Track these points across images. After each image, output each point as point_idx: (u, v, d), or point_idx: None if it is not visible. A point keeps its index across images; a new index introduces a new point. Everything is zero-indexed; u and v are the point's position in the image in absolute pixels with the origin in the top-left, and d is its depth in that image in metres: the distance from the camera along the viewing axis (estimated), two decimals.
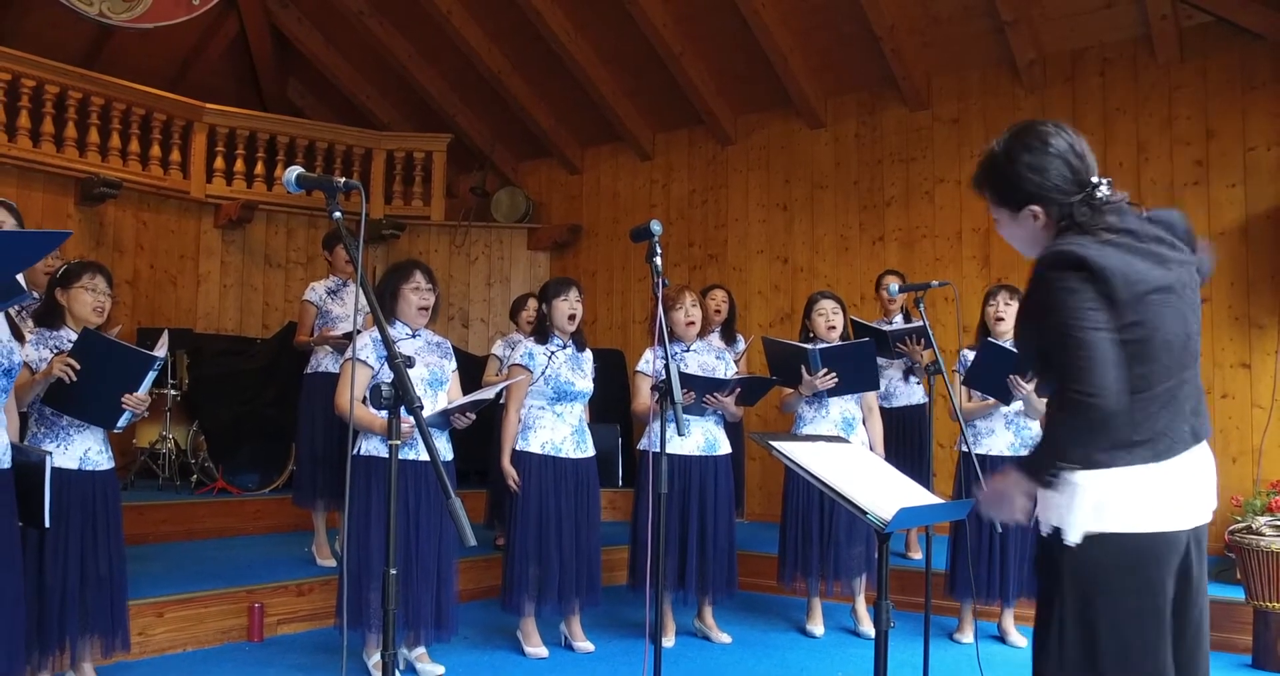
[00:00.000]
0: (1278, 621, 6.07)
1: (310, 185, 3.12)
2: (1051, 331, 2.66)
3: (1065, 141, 2.81)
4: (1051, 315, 2.66)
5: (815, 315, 6.89)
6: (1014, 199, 2.86)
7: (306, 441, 7.31)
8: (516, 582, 6.10)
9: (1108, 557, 2.64)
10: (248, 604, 6.43)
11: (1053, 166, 2.79)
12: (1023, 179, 2.81)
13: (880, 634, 3.49)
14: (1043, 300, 2.69)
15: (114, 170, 10.33)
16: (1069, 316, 2.61)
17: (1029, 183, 2.81)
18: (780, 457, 3.60)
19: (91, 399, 4.80)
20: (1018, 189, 2.84)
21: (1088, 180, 2.78)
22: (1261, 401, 8.08)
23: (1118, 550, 2.64)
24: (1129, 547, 2.64)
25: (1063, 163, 2.79)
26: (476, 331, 12.44)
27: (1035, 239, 2.88)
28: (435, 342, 5.85)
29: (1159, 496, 2.67)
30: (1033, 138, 2.82)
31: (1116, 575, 2.63)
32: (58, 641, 4.77)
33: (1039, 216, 2.83)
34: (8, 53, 9.72)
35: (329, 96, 13.78)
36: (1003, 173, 2.87)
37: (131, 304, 10.53)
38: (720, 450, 6.62)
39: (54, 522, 4.69)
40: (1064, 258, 2.66)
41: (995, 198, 2.94)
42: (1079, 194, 2.77)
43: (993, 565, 6.42)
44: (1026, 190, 2.82)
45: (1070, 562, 2.66)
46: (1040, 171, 2.79)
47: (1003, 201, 2.91)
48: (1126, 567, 2.64)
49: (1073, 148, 2.81)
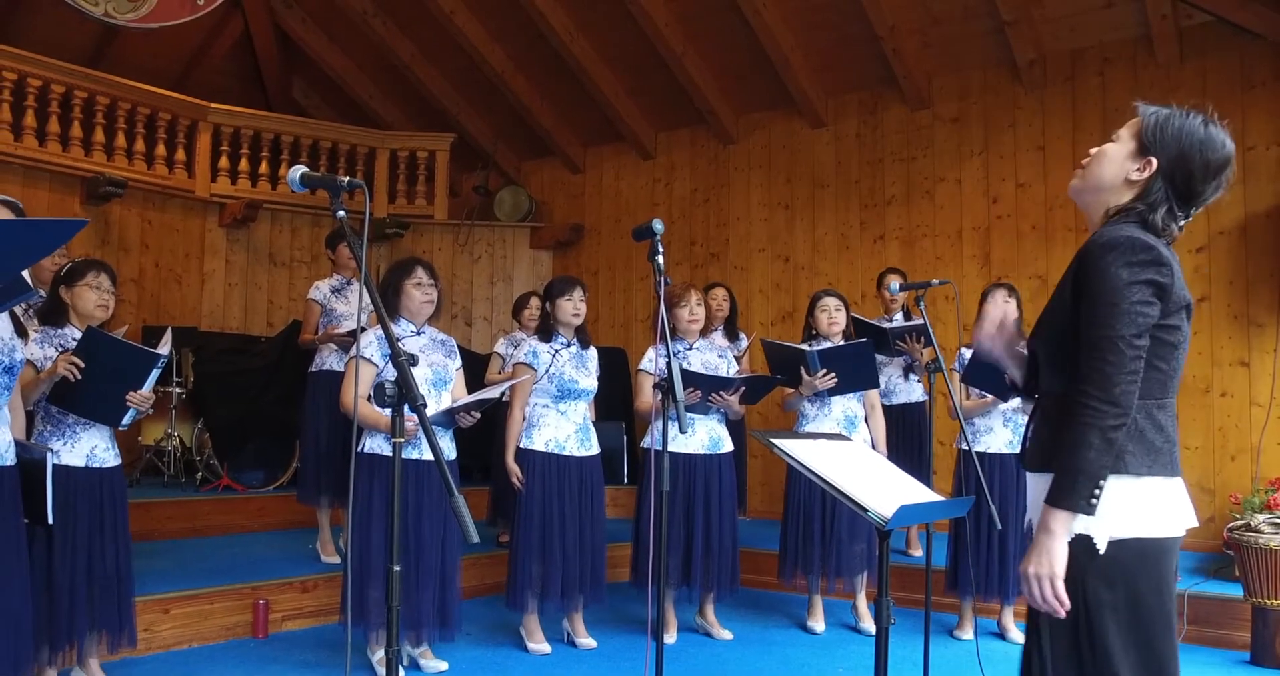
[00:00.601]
0: (1276, 618, 6.07)
1: (314, 184, 3.12)
2: (1090, 323, 2.57)
3: (1221, 157, 2.69)
4: (1098, 306, 2.56)
5: (818, 312, 6.90)
6: (1153, 147, 2.69)
7: (310, 439, 7.32)
8: (520, 580, 6.10)
9: (1130, 560, 2.57)
10: (252, 600, 6.44)
11: (1208, 164, 2.67)
12: (1190, 150, 2.65)
13: (881, 630, 3.50)
14: (1095, 288, 2.57)
15: (119, 169, 10.33)
16: (1119, 315, 2.53)
17: (1190, 155, 2.65)
18: (782, 455, 3.60)
19: (96, 397, 4.81)
20: (1166, 146, 2.68)
21: (1195, 199, 2.71)
22: (1260, 399, 8.08)
23: (1138, 553, 2.58)
24: (1149, 551, 2.59)
25: (1215, 172, 2.69)
26: (479, 329, 12.45)
27: (1113, 185, 2.74)
28: (440, 340, 5.85)
29: (1171, 502, 2.63)
30: (1227, 145, 2.70)
31: (1138, 578, 2.57)
32: (67, 638, 4.78)
33: (1145, 170, 2.69)
34: (14, 52, 9.72)
35: (333, 96, 13.79)
36: (1182, 133, 2.68)
37: (137, 302, 10.54)
38: (724, 448, 6.62)
39: (62, 520, 4.71)
40: (1135, 245, 2.57)
41: (1143, 133, 2.71)
42: (1182, 199, 2.70)
43: (992, 562, 6.43)
44: (1172, 150, 2.67)
45: (1095, 567, 2.56)
46: (1198, 157, 2.66)
47: (1145, 136, 2.70)
48: (1145, 571, 2.58)
49: (1218, 174, 2.70)
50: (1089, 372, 2.54)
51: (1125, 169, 2.72)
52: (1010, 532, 6.34)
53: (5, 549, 4.08)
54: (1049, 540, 2.55)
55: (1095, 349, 2.54)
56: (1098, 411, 2.50)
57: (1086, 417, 2.51)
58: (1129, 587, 2.56)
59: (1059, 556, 2.54)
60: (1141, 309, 2.53)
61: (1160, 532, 2.61)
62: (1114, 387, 2.50)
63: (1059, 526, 2.54)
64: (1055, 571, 2.54)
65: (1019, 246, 9.28)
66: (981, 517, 6.29)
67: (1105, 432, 2.49)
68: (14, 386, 4.26)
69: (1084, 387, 2.54)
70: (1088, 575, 2.56)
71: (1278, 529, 6.08)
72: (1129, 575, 2.57)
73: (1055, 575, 2.54)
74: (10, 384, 4.18)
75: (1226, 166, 2.70)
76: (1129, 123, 2.79)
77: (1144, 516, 2.59)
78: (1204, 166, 2.66)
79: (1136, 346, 2.52)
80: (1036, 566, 2.56)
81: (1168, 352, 2.62)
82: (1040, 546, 2.56)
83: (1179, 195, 2.69)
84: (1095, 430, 2.50)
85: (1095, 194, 2.79)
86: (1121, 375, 2.50)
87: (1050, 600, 2.55)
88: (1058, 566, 2.54)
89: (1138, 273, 2.53)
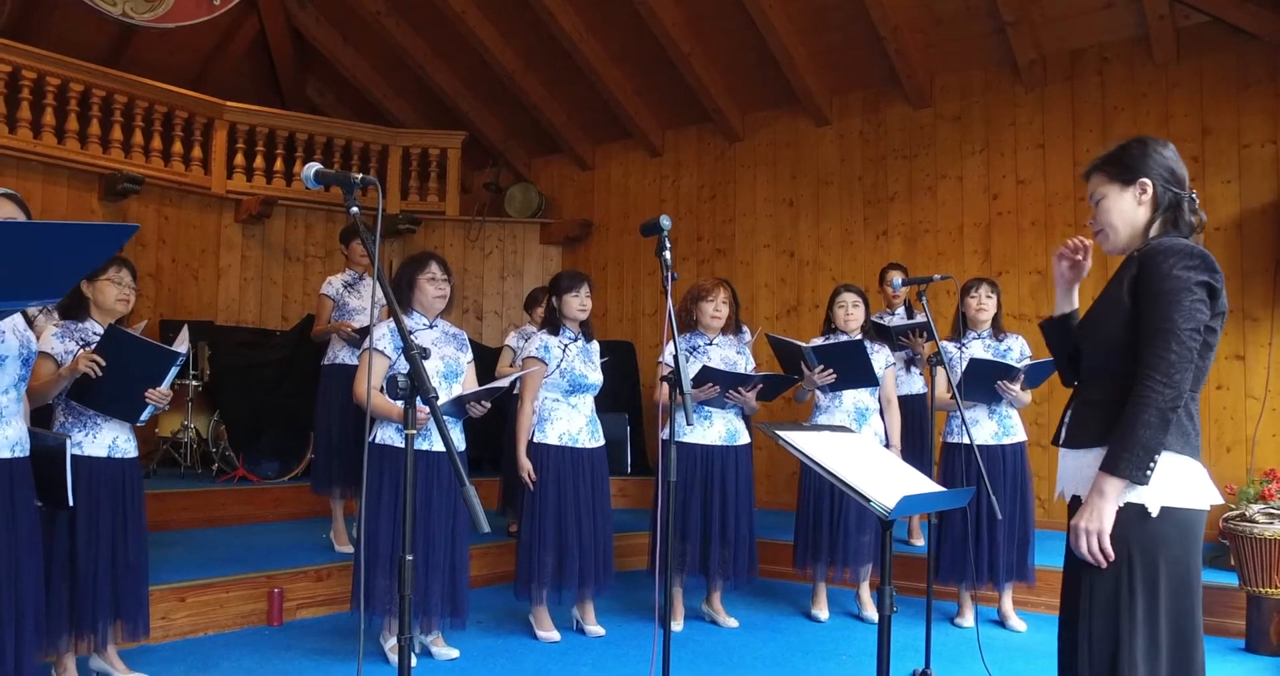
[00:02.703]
0: (1270, 605, 6.07)
1: (328, 181, 3.12)
2: (1152, 318, 2.85)
3: (1173, 150, 3.11)
4: (1160, 303, 2.85)
5: (836, 307, 6.92)
6: (1129, 172, 3.06)
7: (324, 431, 7.34)
8: (531, 570, 6.11)
9: (1171, 529, 2.86)
10: (267, 589, 6.45)
11: (1166, 157, 3.07)
12: (1144, 158, 3.05)
13: (883, 618, 3.51)
14: (1157, 287, 2.85)
15: (137, 166, 10.36)
16: (1180, 311, 2.82)
17: (1148, 160, 3.05)
18: (787, 446, 3.61)
19: (116, 394, 4.81)
20: (1134, 166, 3.06)
21: (1184, 183, 3.07)
22: (1255, 392, 8.08)
23: (1179, 523, 2.87)
24: (1187, 522, 2.88)
25: (1174, 159, 3.08)
26: (490, 323, 12.46)
27: (1134, 215, 3.07)
28: (452, 334, 5.85)
29: (1203, 479, 2.92)
30: (1153, 140, 3.11)
31: (1175, 545, 2.86)
32: (90, 626, 4.79)
33: (1147, 190, 3.04)
34: (34, 51, 9.74)
35: (347, 95, 13.80)
36: (1126, 153, 3.09)
37: (154, 297, 10.56)
38: (741, 440, 6.63)
39: (85, 510, 4.74)
40: (1191, 252, 2.87)
41: (1109, 174, 3.11)
42: (1180, 189, 3.04)
43: (980, 550, 6.43)
44: (1143, 166, 3.05)
45: (1142, 530, 2.85)
46: (1156, 155, 3.06)
47: (1116, 176, 3.09)
48: (1182, 540, 2.87)
49: (1178, 157, 3.10)
50: (1152, 359, 2.83)
51: (1131, 203, 3.07)
52: (999, 521, 6.34)
53: (20, 537, 4.09)
54: (1101, 502, 2.85)
55: (1159, 339, 2.83)
56: (1160, 393, 2.79)
57: (1149, 398, 2.80)
58: (1168, 552, 2.85)
59: (1108, 516, 2.85)
60: (1199, 306, 2.84)
61: (1196, 504, 2.89)
62: (1175, 373, 2.80)
63: (1112, 491, 2.85)
64: (1104, 527, 2.85)
65: (1019, 242, 9.27)
66: (970, 508, 6.30)
67: (1165, 413, 2.80)
68: (28, 377, 4.28)
69: (1148, 372, 2.82)
70: (1132, 537, 2.85)
71: (1272, 518, 6.08)
72: (1169, 541, 2.86)
73: (1104, 531, 2.85)
74: (25, 375, 4.20)
75: (1168, 142, 3.13)
76: (1092, 185, 3.17)
77: (1185, 489, 2.88)
78: (1166, 152, 3.08)
79: (1194, 340, 2.83)
80: (1088, 521, 2.87)
81: (1205, 351, 2.90)
82: (1093, 506, 2.87)
83: (1169, 179, 3.05)
84: (1155, 410, 2.79)
85: (1130, 237, 3.10)
86: (1181, 363, 2.80)
87: (1096, 552, 2.86)
88: (1107, 523, 2.85)
89: (1194, 275, 2.85)
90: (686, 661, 5.81)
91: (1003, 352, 6.55)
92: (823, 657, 6.00)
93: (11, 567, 4.00)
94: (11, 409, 4.09)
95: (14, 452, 4.08)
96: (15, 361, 4.08)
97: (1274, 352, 8.02)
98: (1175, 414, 2.81)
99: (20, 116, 9.63)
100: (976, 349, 6.55)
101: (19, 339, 4.11)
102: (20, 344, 4.11)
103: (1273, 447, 7.99)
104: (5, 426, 4.05)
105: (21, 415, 4.18)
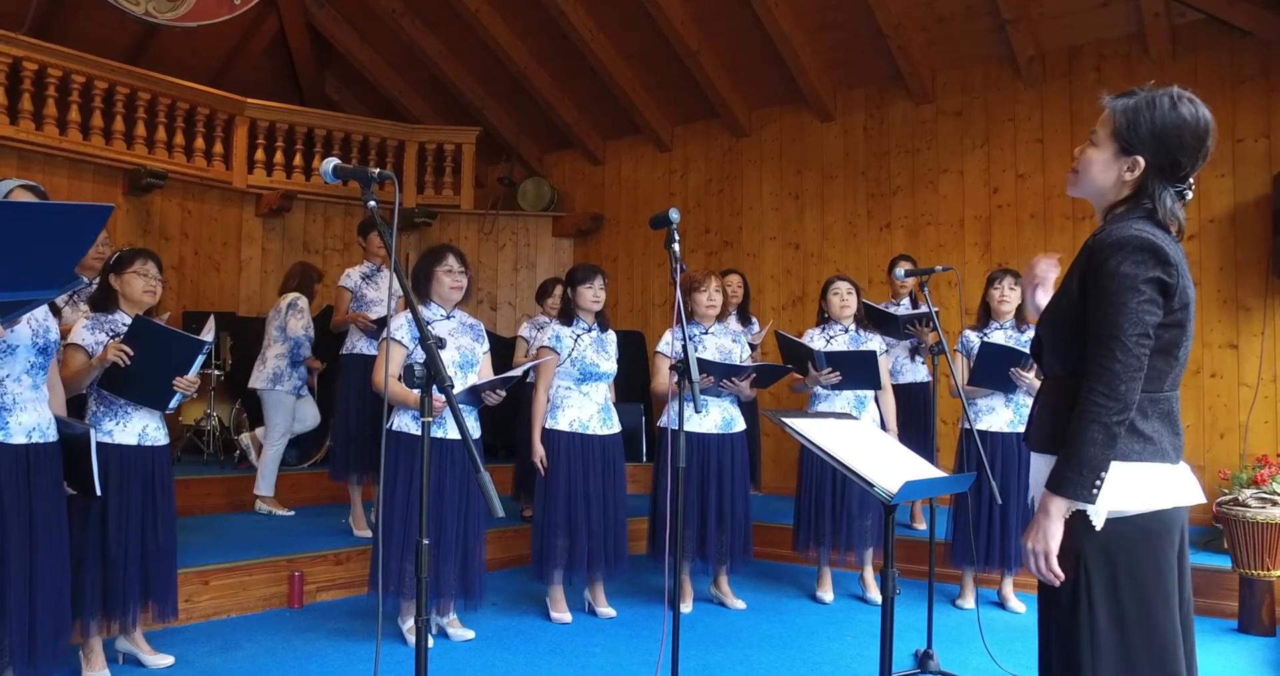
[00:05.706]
0: (1263, 588, 6.10)
1: (347, 176, 3.14)
2: (1099, 322, 2.58)
3: (1203, 134, 2.68)
4: (1106, 305, 2.57)
5: (830, 296, 6.91)
6: (1132, 143, 2.68)
7: (342, 419, 7.36)
8: (546, 553, 6.14)
9: (1131, 535, 2.61)
10: (288, 572, 6.49)
11: (1184, 144, 2.65)
12: (1161, 139, 2.66)
13: (886, 600, 3.53)
14: (1105, 286, 2.57)
15: (160, 162, 10.38)
16: (1125, 316, 2.54)
17: (1164, 144, 2.65)
18: (793, 433, 3.62)
19: (144, 382, 4.84)
20: (1144, 139, 2.68)
21: (1189, 174, 2.69)
22: (1248, 380, 8.07)
23: (1138, 529, 2.61)
24: (1148, 527, 2.62)
25: (1191, 149, 2.66)
26: (504, 314, 12.48)
27: (1110, 183, 2.74)
28: (469, 324, 5.87)
29: (1161, 482, 2.63)
30: (1190, 121, 2.67)
31: (1139, 553, 2.61)
32: (120, 610, 4.82)
33: (1135, 170, 2.69)
34: (59, 50, 9.76)
35: (364, 92, 13.82)
36: (1149, 119, 2.68)
37: (177, 288, 10.58)
38: (736, 427, 6.63)
39: (117, 496, 4.76)
40: (1141, 245, 2.56)
41: (1116, 126, 2.72)
42: (1176, 179, 2.68)
43: (992, 534, 6.43)
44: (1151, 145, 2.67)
45: (1094, 541, 2.61)
46: (1174, 138, 2.65)
47: (1119, 134, 2.71)
48: (1146, 546, 2.62)
49: (1202, 145, 2.68)
50: (1096, 370, 2.56)
51: (1115, 171, 2.72)
52: (1011, 507, 6.34)
53: (47, 522, 4.12)
54: (1046, 521, 2.62)
55: (1103, 347, 2.56)
56: (1103, 407, 2.53)
57: (1092, 412, 2.54)
58: (1129, 561, 2.60)
59: (1054, 536, 2.61)
60: (1147, 308, 2.54)
61: (1158, 505, 2.62)
62: (1119, 384, 2.53)
63: (1056, 510, 2.61)
64: (1050, 548, 2.61)
65: (1018, 234, 9.26)
66: (983, 493, 6.29)
67: (1109, 427, 2.53)
68: (50, 365, 4.30)
69: (1091, 384, 2.56)
70: (1085, 549, 2.61)
71: (1264, 503, 6.09)
72: (1129, 550, 2.60)
73: (1050, 552, 2.61)
74: (46, 363, 4.22)
75: (1207, 136, 2.69)
76: (1102, 120, 2.78)
77: (1143, 494, 2.61)
78: (1185, 146, 2.66)
79: (1142, 346, 2.54)
80: (1034, 542, 2.64)
81: (1167, 350, 2.63)
82: (1038, 525, 2.64)
83: (1173, 177, 2.68)
84: (1099, 425, 2.53)
85: (1094, 196, 2.81)
86: (1127, 373, 2.53)
87: (1045, 573, 2.63)
88: (1052, 544, 2.61)
89: (1143, 271, 2.54)
90: (695, 642, 5.83)
91: (1024, 343, 6.51)
92: (828, 638, 6.01)
93: (25, 554, 4.02)
94: (26, 396, 4.11)
95: (30, 438, 4.10)
96: (29, 350, 4.10)
97: (1266, 341, 8.02)
98: (1121, 427, 2.53)
99: (47, 113, 9.66)
100: (998, 338, 6.51)
101: (33, 328, 4.13)
102: (34, 333, 4.13)
103: (1265, 434, 7.98)
104: (20, 412, 4.08)
105: (40, 402, 4.20)
